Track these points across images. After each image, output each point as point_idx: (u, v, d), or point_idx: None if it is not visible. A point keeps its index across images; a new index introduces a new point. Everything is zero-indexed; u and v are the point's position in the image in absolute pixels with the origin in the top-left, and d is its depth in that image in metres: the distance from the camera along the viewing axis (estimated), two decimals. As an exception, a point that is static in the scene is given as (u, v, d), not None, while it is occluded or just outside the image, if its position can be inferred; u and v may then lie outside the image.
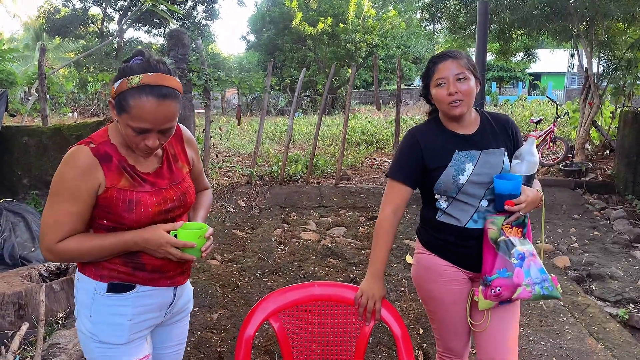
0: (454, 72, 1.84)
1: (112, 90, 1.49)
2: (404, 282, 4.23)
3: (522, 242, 1.85)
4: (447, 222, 1.95)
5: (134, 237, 1.51)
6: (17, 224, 4.75)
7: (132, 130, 1.45)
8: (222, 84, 7.02)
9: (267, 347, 3.19)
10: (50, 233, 1.48)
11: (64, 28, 20.33)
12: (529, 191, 1.84)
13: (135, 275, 1.58)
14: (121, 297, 1.57)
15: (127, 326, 1.58)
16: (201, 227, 1.57)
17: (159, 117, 1.45)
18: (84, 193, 1.47)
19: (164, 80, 1.45)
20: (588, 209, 6.54)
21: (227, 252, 4.99)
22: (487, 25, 6.47)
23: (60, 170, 1.48)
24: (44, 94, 6.42)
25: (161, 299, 1.66)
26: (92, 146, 1.50)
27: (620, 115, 7.26)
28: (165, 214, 1.59)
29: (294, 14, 22.23)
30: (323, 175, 7.99)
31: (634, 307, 4.05)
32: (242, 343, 1.84)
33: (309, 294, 1.98)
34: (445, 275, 1.99)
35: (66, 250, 1.49)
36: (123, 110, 1.44)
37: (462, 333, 2.06)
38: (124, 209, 1.50)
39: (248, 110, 22.66)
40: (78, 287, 1.60)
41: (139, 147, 1.50)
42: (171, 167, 1.66)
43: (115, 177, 1.51)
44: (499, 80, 32.95)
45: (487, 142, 1.94)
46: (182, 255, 1.53)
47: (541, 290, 1.80)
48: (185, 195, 1.66)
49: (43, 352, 2.98)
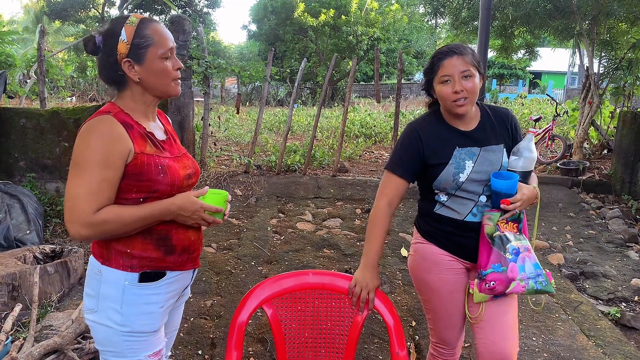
0: (460, 70, 1.81)
1: (120, 47, 1.49)
2: (398, 275, 4.24)
3: (517, 237, 1.86)
4: (446, 215, 1.95)
5: (168, 205, 1.50)
6: (12, 206, 4.74)
7: (163, 60, 1.53)
8: (222, 72, 6.98)
9: (260, 335, 3.20)
10: (85, 204, 1.40)
11: (65, 11, 20.17)
12: (525, 189, 1.84)
13: (167, 260, 1.58)
14: (154, 285, 1.56)
15: (159, 314, 1.60)
16: (222, 193, 1.62)
17: (170, 35, 1.57)
18: (117, 159, 1.43)
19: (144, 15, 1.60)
20: (584, 207, 6.55)
21: (223, 240, 4.99)
22: (490, 21, 6.44)
23: (85, 140, 1.43)
24: (43, 77, 6.39)
25: (184, 282, 1.69)
26: (112, 114, 1.49)
27: (620, 115, 7.26)
28: (188, 179, 1.64)
29: (296, 4, 22.14)
30: (321, 167, 7.98)
31: (626, 305, 4.07)
32: (234, 328, 1.85)
33: (303, 281, 1.98)
34: (442, 265, 2.00)
35: (106, 219, 1.42)
36: (147, 46, 1.50)
37: (456, 324, 2.07)
38: (158, 173, 1.50)
39: (247, 100, 22.59)
40: (101, 281, 1.53)
41: (172, 74, 1.57)
42: (174, 139, 1.73)
43: (142, 143, 1.51)
44: (499, 78, 32.94)
45: (487, 138, 1.93)
46: (213, 219, 1.58)
47: (535, 285, 1.81)
48: (195, 164, 1.73)
49: (36, 334, 2.98)
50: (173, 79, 1.57)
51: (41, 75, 6.37)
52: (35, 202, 5.04)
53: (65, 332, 2.90)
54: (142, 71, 1.52)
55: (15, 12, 48.93)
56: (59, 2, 20.26)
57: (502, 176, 1.86)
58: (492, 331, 1.92)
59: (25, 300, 3.39)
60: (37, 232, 4.68)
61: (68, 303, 3.59)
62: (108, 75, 1.55)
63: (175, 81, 1.58)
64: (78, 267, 3.90)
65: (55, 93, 13.88)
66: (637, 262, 4.90)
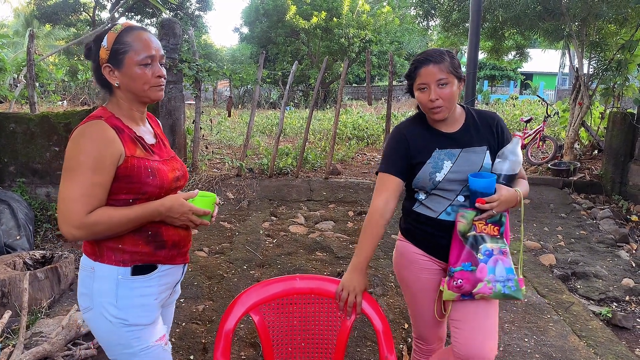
0: (436, 78, 1.84)
1: (102, 52, 1.57)
2: (390, 277, 4.24)
3: (494, 239, 1.86)
4: (422, 212, 1.99)
5: (157, 207, 1.56)
6: (2, 211, 4.70)
7: (141, 66, 1.56)
8: (213, 75, 6.97)
9: (252, 339, 3.19)
10: (78, 206, 1.46)
11: (55, 15, 20.08)
12: (504, 190, 1.84)
13: (157, 254, 1.63)
14: (146, 277, 1.62)
15: (154, 305, 1.65)
16: (211, 196, 1.67)
17: (155, 44, 1.60)
18: (108, 163, 1.49)
19: (134, 23, 1.65)
20: (575, 208, 6.58)
21: (215, 244, 4.97)
22: (480, 23, 6.47)
23: (78, 144, 1.48)
24: (32, 81, 6.35)
25: (174, 277, 1.75)
26: (104, 119, 1.54)
27: (609, 116, 7.31)
28: (176, 182, 1.70)
29: (288, 7, 22.16)
30: (313, 169, 7.98)
31: (617, 305, 4.09)
32: (221, 336, 1.84)
33: (290, 287, 1.97)
34: (417, 263, 2.04)
35: (98, 221, 1.48)
36: (124, 52, 1.55)
37: (429, 322, 2.11)
38: (147, 175, 1.56)
39: (239, 103, 22.57)
40: (94, 277, 1.59)
41: (151, 81, 1.59)
42: (164, 143, 1.78)
43: (132, 147, 1.56)
44: (491, 79, 33.08)
45: (469, 140, 1.96)
46: (201, 221, 1.64)
47: (502, 288, 1.81)
48: (183, 167, 1.80)
49: (25, 341, 2.95)
50: (152, 85, 1.60)
51: (31, 80, 6.33)
52: (26, 207, 5.00)
53: (55, 339, 2.88)
54: (120, 76, 1.58)
55: (6, 15, 48.64)
56: (49, 5, 20.17)
57: (482, 177, 1.87)
58: (470, 333, 1.91)
59: (15, 306, 3.36)
60: (28, 238, 4.64)
61: (58, 309, 3.56)
62: (97, 78, 1.62)
63: (156, 87, 1.62)
64: (68, 272, 3.87)
65: (46, 97, 13.80)
66: (627, 262, 4.93)
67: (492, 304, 1.95)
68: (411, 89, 1.97)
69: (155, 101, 1.65)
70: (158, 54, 1.60)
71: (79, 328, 3.09)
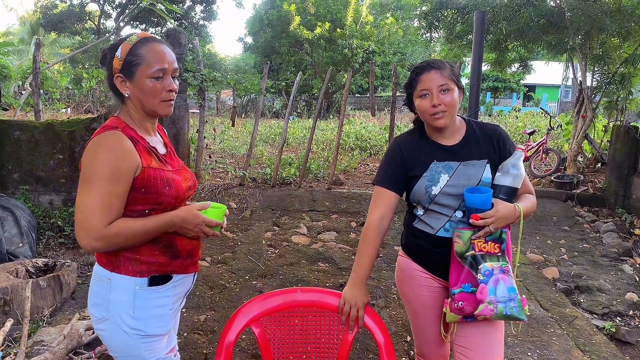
0: (438, 84, 1.82)
1: (115, 62, 1.56)
2: (393, 289, 4.22)
3: (494, 258, 1.78)
4: (421, 228, 1.97)
5: (172, 217, 1.57)
6: (5, 218, 4.70)
7: (152, 79, 1.55)
8: (217, 84, 7.00)
9: (254, 351, 3.18)
10: (97, 217, 1.45)
11: (61, 23, 20.24)
12: (501, 206, 1.78)
13: (172, 264, 1.64)
14: (163, 288, 1.63)
15: (169, 315, 1.67)
16: (221, 207, 1.69)
17: (169, 57, 1.59)
18: (126, 174, 1.49)
19: (150, 34, 1.63)
20: (578, 221, 6.57)
21: (217, 254, 4.96)
22: (484, 36, 6.49)
23: (95, 155, 1.48)
24: (38, 89, 6.39)
25: (186, 285, 1.76)
26: (120, 129, 1.54)
27: (613, 129, 7.31)
28: (188, 191, 1.71)
29: (292, 17, 22.26)
30: (316, 180, 7.98)
31: (620, 320, 4.06)
32: (222, 349, 1.83)
33: (291, 299, 1.96)
34: (417, 280, 2.02)
35: (118, 232, 1.48)
36: (137, 64, 1.54)
37: (431, 339, 2.08)
38: (163, 186, 1.56)
39: (243, 112, 22.63)
40: (110, 288, 1.59)
41: (162, 95, 1.58)
42: (174, 152, 1.79)
43: (147, 157, 1.57)
44: (493, 91, 33.15)
45: (469, 153, 1.91)
46: (212, 232, 1.65)
47: (504, 309, 1.72)
48: (193, 176, 1.80)
49: (27, 349, 2.95)
50: (162, 99, 1.59)
51: (36, 88, 6.37)
52: (29, 214, 5.01)
53: (57, 348, 2.87)
54: (132, 87, 1.57)
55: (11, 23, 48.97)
56: (55, 14, 20.32)
57: (479, 191, 1.80)
58: (470, 358, 1.88)
59: (17, 314, 3.35)
60: (30, 245, 4.64)
61: (60, 318, 3.55)
62: (110, 86, 1.62)
63: (166, 102, 1.61)
64: (71, 281, 3.86)
65: (51, 105, 13.87)
66: (631, 276, 4.90)
67: (498, 327, 1.91)
68: (410, 99, 1.94)
69: (164, 116, 1.66)
70: (171, 67, 1.59)
71: (81, 337, 3.08)
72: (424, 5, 9.44)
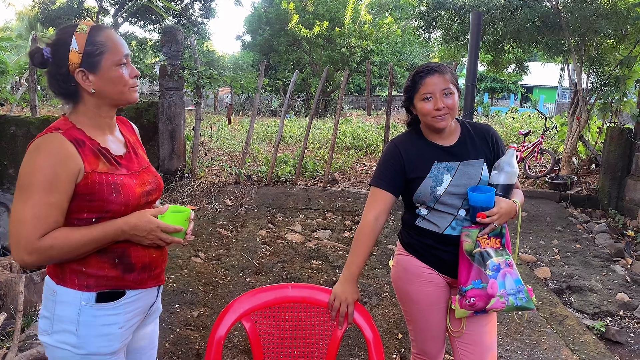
0: (441, 87, 1.87)
1: (72, 56, 1.41)
2: (385, 287, 4.25)
3: (498, 252, 1.88)
4: (426, 227, 1.99)
5: (121, 225, 1.42)
6: (0, 213, 4.72)
7: (118, 66, 1.45)
8: (214, 82, 7.02)
9: (246, 346, 3.20)
10: (29, 229, 1.32)
11: (59, 19, 20.18)
12: (503, 203, 1.86)
13: (125, 279, 1.49)
14: (112, 305, 1.48)
15: (118, 334, 1.50)
16: (185, 210, 1.54)
17: (124, 42, 1.49)
18: (64, 181, 1.35)
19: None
20: (571, 221, 6.61)
21: (211, 251, 4.98)
22: (480, 36, 6.52)
23: (32, 160, 1.35)
24: (34, 85, 6.39)
25: (147, 300, 1.61)
26: (62, 132, 1.40)
27: (607, 131, 7.35)
28: (147, 196, 1.55)
29: (290, 16, 22.28)
30: (311, 178, 8.01)
31: (611, 320, 4.10)
32: (212, 344, 1.84)
33: (282, 295, 1.97)
34: (423, 277, 2.03)
35: (53, 245, 1.34)
36: (101, 53, 1.43)
37: (437, 336, 2.10)
38: (110, 192, 1.41)
39: (240, 110, 22.63)
40: (55, 302, 1.45)
41: (129, 82, 1.49)
42: (136, 152, 1.63)
43: (93, 161, 1.42)
44: (491, 91, 33.21)
45: (466, 153, 1.97)
46: (172, 239, 1.49)
47: (515, 301, 1.83)
48: (157, 178, 1.64)
49: (20, 343, 2.96)
50: (130, 86, 1.50)
51: (32, 83, 6.37)
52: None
53: (50, 342, 2.88)
54: (97, 80, 1.44)
55: (9, 19, 48.85)
56: (53, 9, 20.28)
57: (480, 190, 1.88)
58: (480, 356, 1.97)
59: (10, 309, 3.37)
60: (25, 241, 4.65)
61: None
62: (60, 87, 1.46)
63: (132, 88, 1.51)
64: (65, 276, 3.87)
65: (48, 101, 13.85)
66: (622, 277, 4.94)
67: (494, 319, 2.02)
68: (409, 102, 1.98)
69: (131, 103, 1.55)
70: (129, 53, 1.51)
71: (74, 332, 3.09)
72: (421, 5, 9.48)
